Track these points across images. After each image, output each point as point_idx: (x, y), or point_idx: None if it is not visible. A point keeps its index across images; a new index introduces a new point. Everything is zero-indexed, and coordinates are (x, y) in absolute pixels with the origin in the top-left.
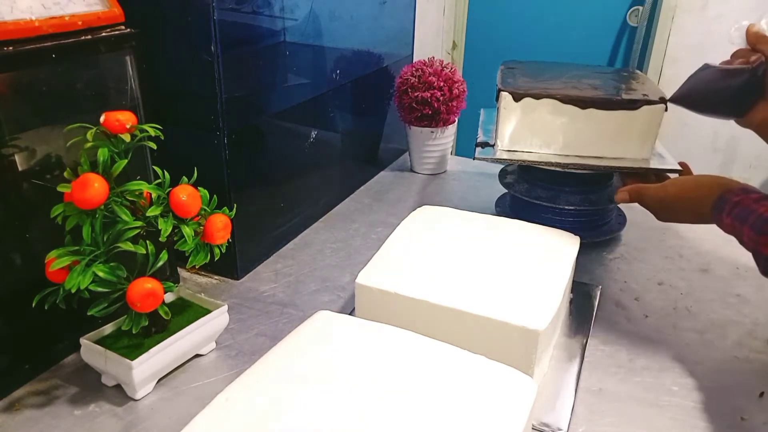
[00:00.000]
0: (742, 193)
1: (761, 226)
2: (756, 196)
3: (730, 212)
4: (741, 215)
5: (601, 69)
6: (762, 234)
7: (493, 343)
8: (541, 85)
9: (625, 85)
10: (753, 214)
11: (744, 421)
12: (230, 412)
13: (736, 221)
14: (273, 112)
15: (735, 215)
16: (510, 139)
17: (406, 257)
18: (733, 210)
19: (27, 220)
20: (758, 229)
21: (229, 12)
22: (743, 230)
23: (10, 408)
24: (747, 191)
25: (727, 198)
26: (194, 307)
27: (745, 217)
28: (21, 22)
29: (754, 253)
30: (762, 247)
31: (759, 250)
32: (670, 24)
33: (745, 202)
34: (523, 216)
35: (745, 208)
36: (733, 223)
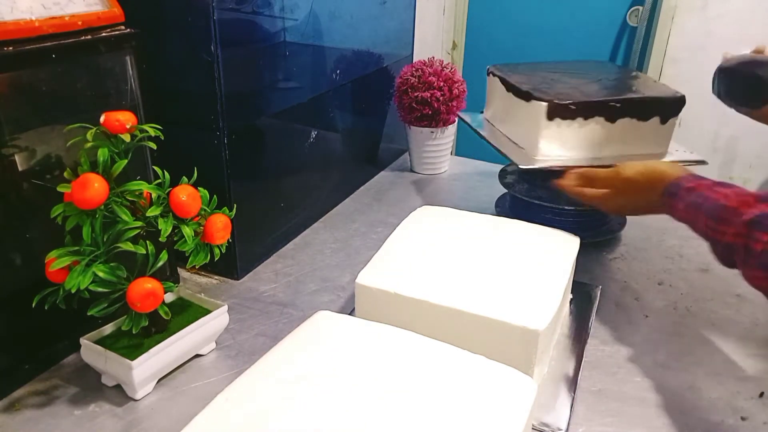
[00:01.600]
0: (695, 179)
1: (719, 213)
2: (709, 182)
3: (683, 198)
4: (696, 202)
5: (602, 69)
6: (720, 221)
7: (493, 343)
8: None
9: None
10: (708, 200)
11: (744, 421)
12: (230, 412)
13: (691, 208)
14: (273, 112)
15: (689, 202)
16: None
17: (406, 257)
18: (687, 196)
19: (27, 220)
20: (716, 217)
21: (229, 12)
22: (698, 217)
23: (10, 408)
24: (698, 177)
25: (680, 184)
26: (194, 307)
27: (701, 204)
28: (21, 22)
29: (710, 240)
30: (719, 234)
31: (716, 238)
32: (670, 24)
33: (700, 188)
34: (523, 216)
35: (700, 194)
36: (687, 209)
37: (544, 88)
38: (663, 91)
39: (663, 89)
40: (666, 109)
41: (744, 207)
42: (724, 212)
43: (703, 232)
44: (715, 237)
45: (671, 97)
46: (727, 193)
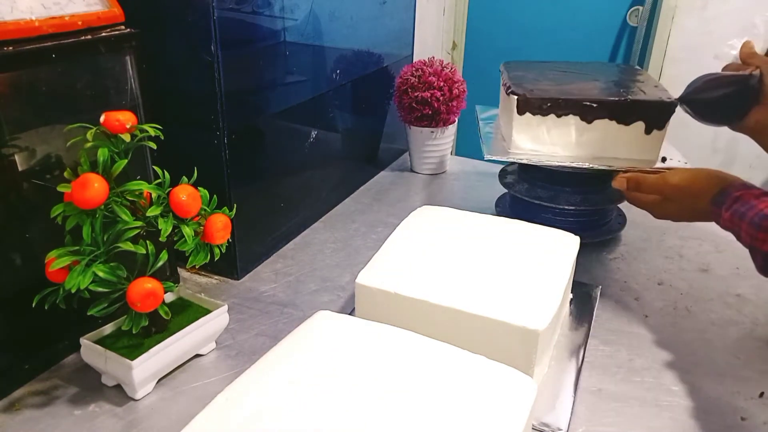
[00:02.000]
0: (743, 188)
1: (760, 222)
2: (758, 192)
3: (729, 207)
4: (740, 210)
5: (604, 69)
6: (761, 230)
7: (493, 343)
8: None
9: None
10: (753, 209)
11: (744, 421)
12: (230, 412)
13: (735, 216)
14: (273, 112)
15: (734, 210)
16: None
17: (406, 257)
18: (733, 205)
19: (27, 220)
20: (757, 225)
21: (229, 12)
22: (742, 225)
23: (10, 408)
24: (748, 187)
25: (728, 192)
26: (194, 307)
27: (745, 213)
28: (21, 22)
29: (751, 249)
30: (759, 243)
31: (756, 246)
32: (670, 24)
33: (746, 197)
34: (523, 216)
35: (745, 203)
36: (732, 218)
37: (527, 83)
38: (652, 95)
39: (654, 93)
40: (651, 114)
41: None
42: (765, 221)
43: (744, 241)
44: (754, 245)
45: (656, 101)
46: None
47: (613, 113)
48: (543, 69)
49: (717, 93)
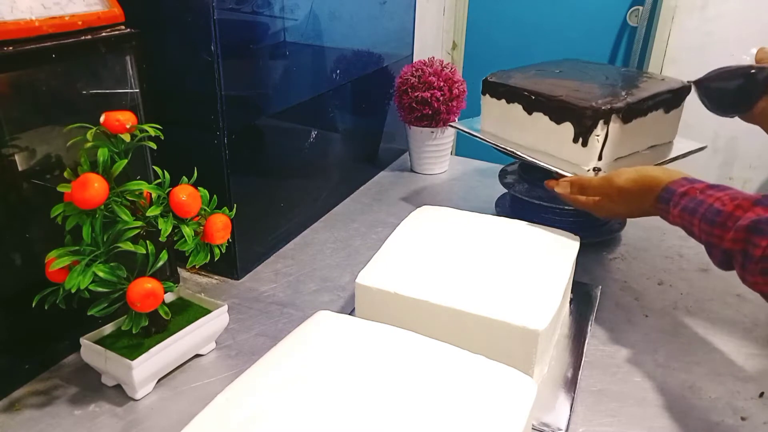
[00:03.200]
0: (687, 182)
1: (713, 218)
2: (701, 185)
3: (677, 203)
4: (689, 206)
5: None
6: (715, 225)
7: (493, 343)
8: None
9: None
10: (703, 204)
11: (744, 421)
12: (230, 412)
13: (685, 212)
14: (273, 112)
15: (683, 206)
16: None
17: (406, 257)
18: (681, 201)
19: (27, 220)
20: (711, 221)
21: (229, 12)
22: (694, 221)
23: (10, 408)
24: (691, 181)
25: (673, 189)
26: (194, 307)
27: (695, 209)
28: (21, 22)
29: (707, 245)
30: (716, 239)
31: (712, 242)
32: (670, 24)
33: (692, 192)
34: (523, 216)
35: (692, 198)
36: (681, 214)
37: (512, 72)
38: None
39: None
40: (579, 119)
41: (739, 211)
42: (719, 217)
43: (698, 237)
44: (711, 241)
45: (582, 106)
46: (721, 196)
47: (546, 109)
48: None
49: (730, 84)
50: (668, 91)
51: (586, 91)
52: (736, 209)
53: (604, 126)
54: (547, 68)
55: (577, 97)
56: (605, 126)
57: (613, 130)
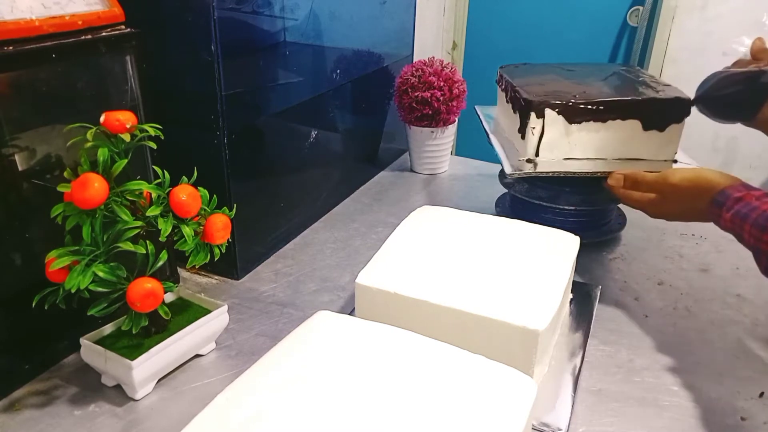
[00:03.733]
0: (744, 189)
1: (764, 223)
2: (759, 193)
3: (731, 208)
4: (743, 211)
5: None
6: (765, 231)
7: (493, 343)
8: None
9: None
10: (756, 210)
11: (744, 421)
12: (230, 412)
13: (737, 217)
14: (273, 112)
15: (736, 211)
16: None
17: (406, 257)
18: (735, 206)
19: (27, 220)
20: (761, 226)
21: (229, 12)
22: (744, 227)
23: (10, 408)
24: (749, 188)
25: (728, 193)
26: (194, 307)
27: (747, 214)
28: (21, 22)
29: (754, 250)
30: (765, 244)
31: (761, 248)
32: (670, 24)
33: (747, 198)
34: (523, 216)
35: (747, 204)
36: (733, 219)
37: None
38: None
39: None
40: (520, 110)
41: None
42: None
43: (747, 242)
44: (759, 247)
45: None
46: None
47: (513, 101)
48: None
49: (731, 90)
50: (638, 103)
51: (551, 86)
52: None
53: (538, 119)
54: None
55: (529, 90)
56: (539, 119)
57: (552, 126)
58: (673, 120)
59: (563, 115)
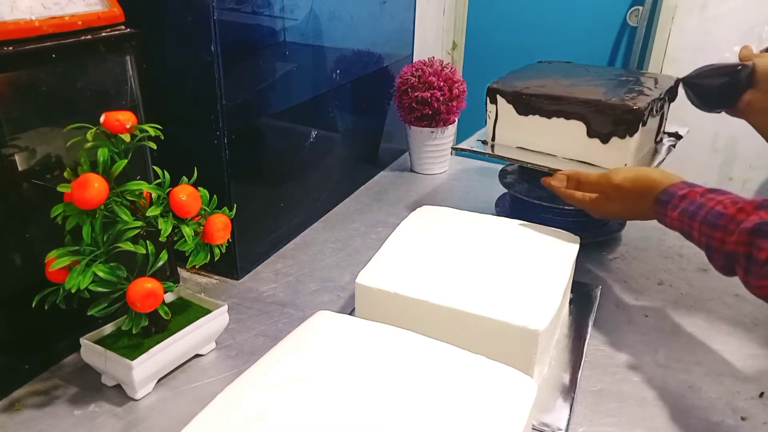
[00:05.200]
0: (687, 186)
1: (715, 221)
2: (701, 189)
3: (677, 206)
4: (690, 209)
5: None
6: (717, 228)
7: (493, 343)
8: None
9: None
10: (703, 208)
11: (744, 421)
12: (230, 412)
13: (685, 216)
14: (273, 112)
15: (683, 209)
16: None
17: (406, 257)
18: (680, 203)
19: (27, 220)
20: (712, 224)
21: (229, 12)
22: (693, 225)
23: (10, 408)
24: (690, 184)
25: (672, 191)
26: (194, 307)
27: (695, 212)
28: (21, 22)
29: (706, 248)
30: (716, 242)
31: (713, 245)
32: (670, 24)
33: (692, 196)
34: (523, 216)
35: (692, 202)
36: (681, 217)
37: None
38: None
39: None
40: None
41: (742, 214)
42: (720, 219)
43: (698, 240)
44: (712, 245)
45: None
46: (722, 200)
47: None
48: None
49: (715, 81)
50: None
51: (534, 81)
52: (739, 212)
53: (492, 105)
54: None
55: (502, 81)
56: (493, 105)
57: (503, 113)
58: (618, 132)
59: (512, 105)
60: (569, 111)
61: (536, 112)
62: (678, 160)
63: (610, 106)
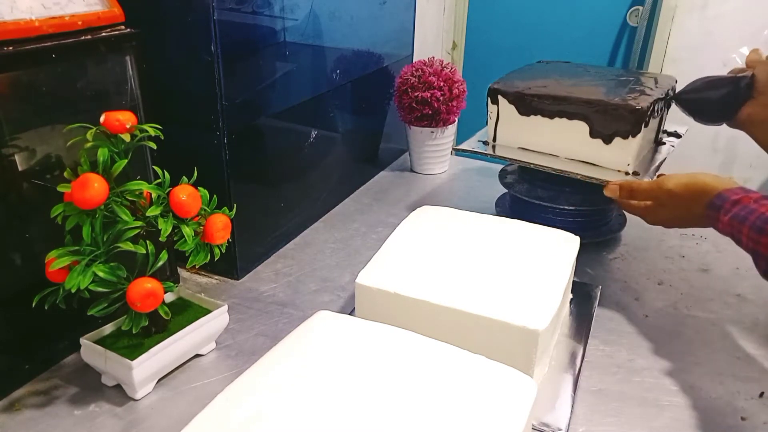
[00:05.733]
0: (741, 191)
1: (762, 226)
2: (756, 195)
3: (728, 211)
4: (740, 214)
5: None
6: (763, 233)
7: (493, 343)
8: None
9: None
10: (754, 213)
11: (744, 421)
12: (230, 412)
13: (735, 220)
14: (273, 112)
15: (734, 214)
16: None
17: (406, 257)
18: (732, 208)
19: (27, 220)
20: (759, 229)
21: (229, 12)
22: (743, 230)
23: (10, 408)
24: (746, 191)
25: (726, 196)
26: (194, 307)
27: (746, 217)
28: (21, 22)
29: (753, 253)
30: (763, 247)
31: (759, 251)
32: (670, 24)
33: (745, 201)
34: (523, 216)
35: (745, 207)
36: (731, 222)
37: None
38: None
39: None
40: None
41: None
42: (767, 224)
43: (746, 245)
44: (758, 250)
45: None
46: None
47: None
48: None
49: (714, 94)
50: (583, 102)
51: (526, 80)
52: None
53: (493, 105)
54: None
55: (503, 81)
56: (494, 105)
57: (505, 114)
58: (621, 133)
59: (514, 105)
60: (572, 111)
61: (538, 112)
62: (678, 160)
63: (613, 106)
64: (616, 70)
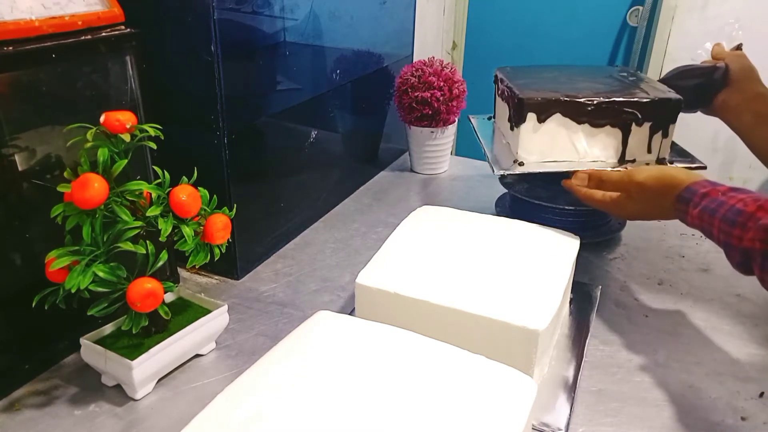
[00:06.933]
0: (709, 185)
1: (734, 218)
2: (724, 188)
3: (698, 204)
4: (710, 207)
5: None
6: (735, 225)
7: (493, 343)
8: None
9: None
10: (724, 205)
11: (744, 421)
12: (230, 412)
13: (705, 213)
14: (273, 112)
15: (704, 207)
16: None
17: (406, 257)
18: (702, 201)
19: (27, 220)
20: (731, 221)
21: (229, 12)
22: (713, 222)
23: (10, 408)
24: (714, 184)
25: (694, 189)
26: (194, 307)
27: (716, 209)
28: (21, 22)
29: (725, 246)
30: (735, 239)
31: (731, 243)
32: (670, 24)
33: (714, 194)
34: (523, 216)
35: (714, 200)
36: (701, 214)
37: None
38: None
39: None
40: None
41: (761, 212)
42: (739, 217)
43: (717, 238)
44: (730, 242)
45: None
46: (743, 198)
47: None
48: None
49: (689, 82)
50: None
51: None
52: (758, 210)
53: (530, 120)
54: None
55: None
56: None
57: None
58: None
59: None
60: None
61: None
62: None
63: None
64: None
